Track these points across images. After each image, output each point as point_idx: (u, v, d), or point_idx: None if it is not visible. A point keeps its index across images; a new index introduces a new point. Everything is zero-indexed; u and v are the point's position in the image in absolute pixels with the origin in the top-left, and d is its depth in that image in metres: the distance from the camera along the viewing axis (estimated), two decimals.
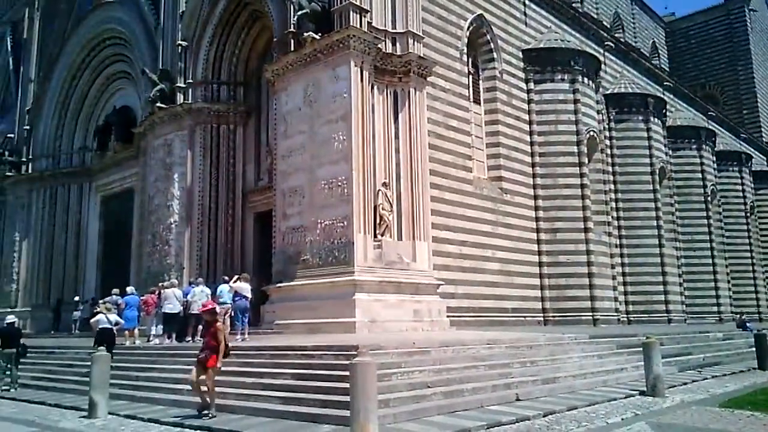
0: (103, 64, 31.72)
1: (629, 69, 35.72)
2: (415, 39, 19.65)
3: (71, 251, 30.86)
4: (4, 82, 37.76)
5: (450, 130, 22.85)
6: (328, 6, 18.92)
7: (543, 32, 28.87)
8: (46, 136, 32.34)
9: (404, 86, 19.29)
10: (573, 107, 27.34)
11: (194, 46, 24.10)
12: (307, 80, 18.89)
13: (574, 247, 25.79)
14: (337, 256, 17.27)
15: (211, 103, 23.70)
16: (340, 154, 17.66)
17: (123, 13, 28.55)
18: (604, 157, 29.56)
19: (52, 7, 33.89)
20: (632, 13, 43.02)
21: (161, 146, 24.28)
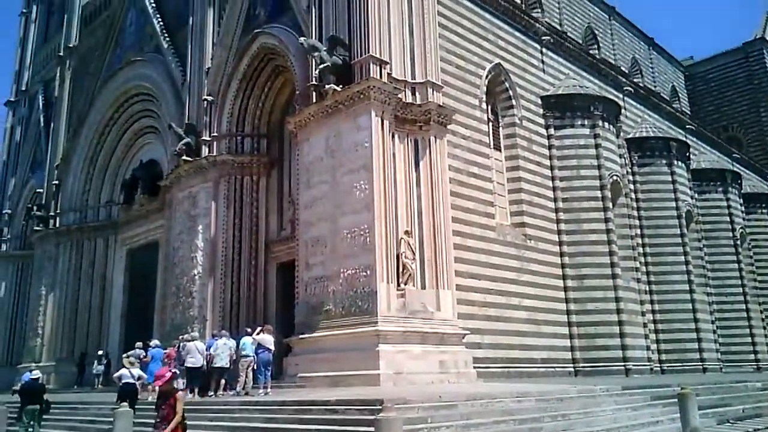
0: (130, 120, 32.54)
1: (650, 113, 35.63)
2: (435, 88, 19.86)
3: (96, 304, 31.06)
4: (35, 138, 38.85)
5: (471, 177, 22.81)
6: (348, 59, 19.26)
7: (561, 79, 29.04)
8: (74, 190, 33.00)
9: (425, 134, 19.40)
10: (595, 152, 27.20)
11: (219, 101, 24.62)
12: (328, 131, 19.11)
13: (603, 294, 25.25)
14: (360, 306, 17.08)
15: (235, 155, 24.05)
16: (362, 203, 17.68)
17: (151, 70, 29.43)
18: (628, 202, 29.23)
19: (83, 66, 35.09)
20: (650, 58, 43.22)
21: (186, 198, 24.58)
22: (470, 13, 24.97)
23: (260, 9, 24.09)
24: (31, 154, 38.98)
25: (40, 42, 42.20)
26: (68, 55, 36.26)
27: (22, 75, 42.50)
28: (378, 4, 19.22)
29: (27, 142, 39.69)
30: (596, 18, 37.22)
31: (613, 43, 38.14)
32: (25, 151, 39.61)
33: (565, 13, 34.18)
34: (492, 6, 26.14)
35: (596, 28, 36.84)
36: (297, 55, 21.18)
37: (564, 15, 33.96)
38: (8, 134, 42.22)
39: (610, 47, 37.79)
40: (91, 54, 34.44)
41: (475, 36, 24.93)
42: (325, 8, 20.47)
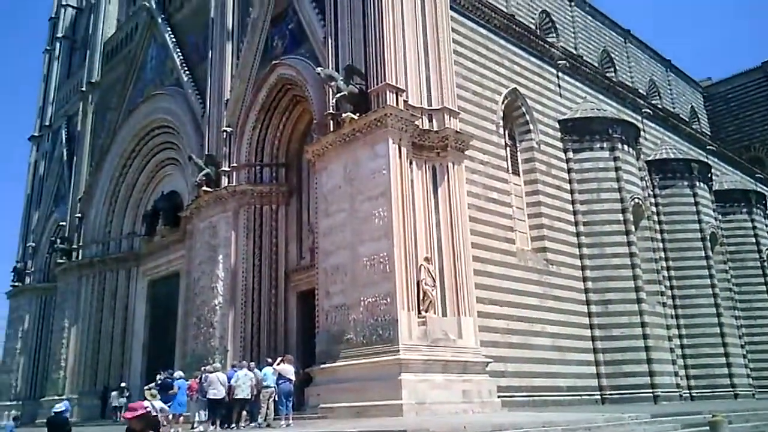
0: (152, 152, 32.98)
1: (669, 135, 35.36)
2: (451, 114, 19.87)
3: (118, 336, 31.17)
4: (58, 172, 39.52)
5: (490, 202, 22.71)
6: (365, 87, 19.38)
7: (578, 102, 28.98)
8: (96, 223, 33.39)
9: (442, 161, 19.35)
10: (615, 175, 26.98)
11: (238, 131, 24.88)
12: (346, 159, 19.16)
13: (628, 319, 24.79)
14: (381, 335, 16.90)
15: (254, 184, 24.19)
16: (381, 230, 17.61)
17: (171, 103, 29.89)
18: (651, 225, 28.85)
19: (105, 101, 35.80)
20: (668, 80, 43.00)
21: (206, 229, 24.72)
22: (485, 39, 25.12)
23: (278, 41, 24.44)
24: (54, 188, 39.64)
25: (63, 78, 43.20)
26: (90, 90, 37.03)
27: (46, 110, 43.45)
28: (393, 33, 19.38)
29: (50, 176, 40.39)
30: (612, 41, 37.21)
31: (630, 66, 38.05)
32: (48, 185, 40.29)
33: (580, 38, 34.23)
34: (507, 32, 26.29)
35: (612, 51, 36.81)
36: (314, 84, 21.38)
37: (579, 39, 34.01)
38: (32, 169, 43.03)
39: (626, 70, 37.69)
40: (112, 89, 35.14)
41: (491, 62, 25.05)
42: (341, 38, 20.70)
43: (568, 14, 34.07)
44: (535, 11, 31.59)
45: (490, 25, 25.59)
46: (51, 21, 46.19)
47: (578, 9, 34.80)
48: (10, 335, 38.97)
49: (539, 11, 31.89)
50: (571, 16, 34.23)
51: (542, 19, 32.18)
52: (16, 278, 39.58)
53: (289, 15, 24.05)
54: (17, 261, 40.67)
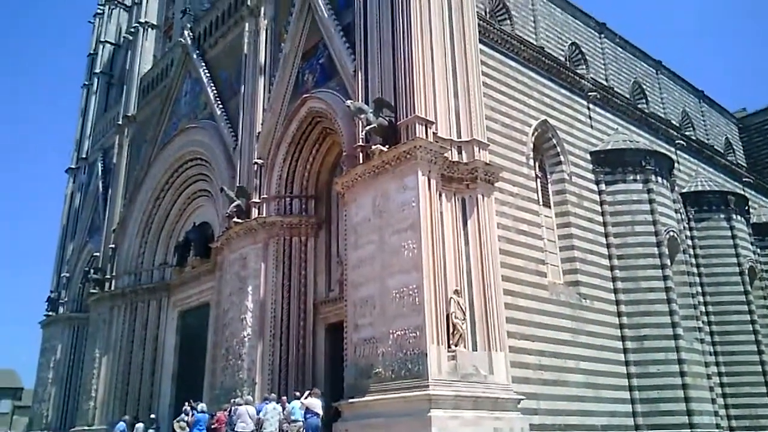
0: (185, 184, 33.48)
1: (704, 166, 34.72)
2: (481, 146, 19.78)
3: (148, 367, 31.26)
4: (93, 204, 40.32)
5: (521, 235, 22.42)
6: (394, 120, 19.46)
7: (610, 134, 28.69)
8: (129, 254, 33.85)
9: (472, 193, 19.20)
10: (649, 207, 26.48)
11: (269, 164, 25.15)
12: (375, 191, 19.15)
13: (664, 356, 24.03)
14: (410, 369, 16.61)
15: (284, 216, 24.32)
16: (410, 262, 17.46)
17: (204, 136, 30.41)
18: (687, 258, 28.16)
19: (140, 134, 36.61)
20: (701, 111, 42.37)
21: (236, 260, 24.85)
22: (514, 71, 25.13)
23: (308, 75, 24.79)
24: (89, 220, 40.39)
25: (100, 112, 44.37)
26: (126, 124, 37.93)
27: (83, 144, 44.56)
28: (423, 66, 19.50)
29: (85, 208, 41.22)
30: (643, 72, 36.89)
31: (662, 97, 37.59)
32: (83, 217, 41.09)
33: (611, 69, 34.01)
34: (536, 64, 26.29)
35: (643, 83, 36.45)
36: (344, 117, 21.55)
37: (609, 70, 33.79)
38: (68, 200, 43.99)
39: (658, 101, 37.26)
40: (148, 122, 35.96)
41: (520, 94, 25.01)
42: (371, 71, 20.89)
43: (598, 46, 33.94)
44: (565, 43, 31.53)
45: (519, 57, 25.62)
46: (89, 57, 47.68)
47: (608, 41, 34.66)
48: (43, 365, 39.43)
49: (569, 43, 31.82)
50: (601, 47, 34.09)
51: (572, 51, 32.10)
52: (49, 308, 40.20)
53: (319, 50, 24.44)
54: (51, 291, 41.34)
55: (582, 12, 33.60)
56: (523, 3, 29.89)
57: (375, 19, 21.19)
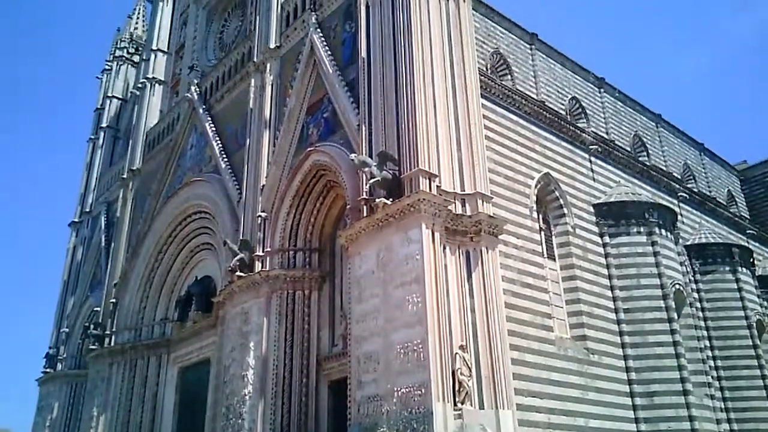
0: (187, 238, 33.41)
1: (707, 219, 34.67)
2: (484, 199, 19.81)
3: (146, 426, 30.46)
4: (95, 258, 40.17)
5: (526, 288, 22.20)
6: (398, 173, 19.56)
7: (612, 186, 28.77)
8: (130, 309, 33.49)
9: (476, 245, 19.13)
10: (654, 260, 26.30)
11: (273, 217, 25.15)
12: (379, 244, 19.07)
13: (675, 413, 23.41)
14: (415, 428, 16.16)
15: (288, 269, 24.16)
16: (414, 316, 17.24)
17: (209, 189, 30.53)
18: (694, 312, 27.79)
19: (144, 188, 36.77)
20: (702, 163, 42.62)
21: (238, 315, 24.56)
22: (516, 125, 25.42)
23: (313, 129, 25.09)
24: (90, 274, 40.17)
25: (105, 166, 44.71)
26: (131, 178, 38.16)
27: (87, 197, 44.73)
28: (426, 120, 19.74)
29: (87, 262, 41.04)
30: (643, 125, 37.29)
31: (663, 150, 37.89)
32: (85, 271, 40.88)
33: (611, 122, 34.39)
34: (537, 118, 26.61)
35: (644, 136, 36.79)
36: (348, 170, 21.67)
37: (610, 124, 34.17)
38: (70, 254, 43.83)
39: (659, 154, 37.54)
40: (152, 176, 36.18)
41: (523, 147, 25.22)
42: (374, 125, 21.13)
43: (598, 100, 34.43)
44: (565, 97, 32.01)
45: (520, 111, 25.96)
46: (96, 112, 48.36)
47: (607, 95, 35.17)
48: (39, 423, 38.47)
49: (569, 97, 32.29)
50: (601, 101, 34.58)
51: (572, 105, 32.54)
52: (47, 365, 39.53)
53: (324, 104, 24.80)
54: (50, 347, 40.71)
55: (581, 67, 34.20)
56: (523, 59, 30.47)
57: (379, 74, 21.57)
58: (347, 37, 24.79)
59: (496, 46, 29.03)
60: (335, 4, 26.04)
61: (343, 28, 25.18)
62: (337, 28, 25.48)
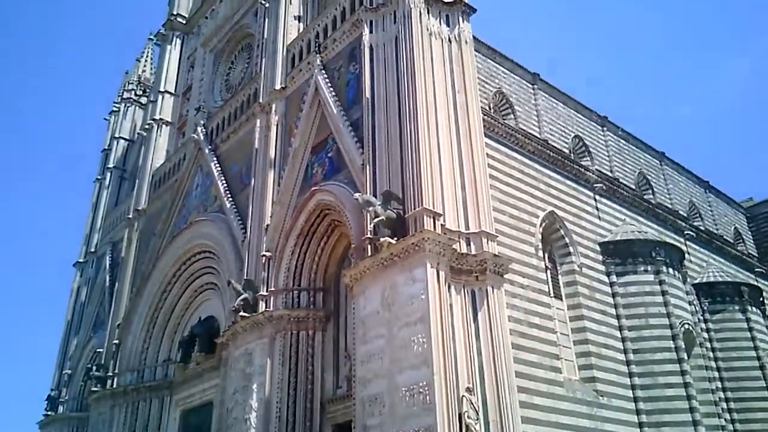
0: (192, 278, 33.24)
1: (715, 257, 34.43)
2: (489, 238, 19.71)
3: None
4: (99, 299, 39.99)
5: (533, 328, 21.91)
6: (402, 212, 19.53)
7: (618, 224, 28.67)
8: (132, 350, 33.13)
9: (481, 285, 18.96)
10: (662, 299, 26.03)
11: (277, 256, 25.06)
12: (384, 284, 18.91)
13: None
14: None
15: (291, 309, 23.94)
16: (420, 357, 16.97)
17: (213, 228, 30.51)
18: (704, 352, 27.36)
19: (149, 228, 36.78)
20: (708, 201, 42.52)
21: (242, 356, 24.25)
22: (520, 164, 25.50)
23: (317, 168, 25.19)
24: (94, 315, 39.91)
25: (111, 206, 44.91)
26: (137, 218, 38.19)
27: (92, 237, 44.77)
28: (429, 159, 19.81)
29: (91, 303, 40.86)
30: (647, 163, 37.38)
31: (668, 188, 37.89)
32: (88, 312, 40.65)
33: (615, 160, 34.48)
34: (541, 157, 26.71)
35: (648, 174, 36.84)
36: (352, 209, 21.66)
37: (614, 162, 34.25)
38: (74, 295, 43.66)
39: (665, 191, 37.51)
40: (158, 216, 36.24)
41: (527, 185, 25.25)
42: (378, 164, 21.19)
43: (601, 138, 34.59)
44: (568, 136, 32.18)
45: (524, 150, 26.08)
46: (103, 152, 48.84)
47: (611, 133, 35.36)
48: None
49: (572, 136, 32.47)
50: (604, 139, 34.73)
51: (576, 143, 32.69)
52: (49, 407, 38.94)
53: (328, 144, 24.95)
54: (52, 389, 40.19)
55: (583, 106, 34.46)
56: (526, 98, 30.75)
57: (382, 114, 21.73)
58: (351, 78, 25.08)
59: (499, 85, 29.33)
60: (340, 46, 26.43)
61: (348, 69, 25.51)
62: (342, 70, 25.82)
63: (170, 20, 43.45)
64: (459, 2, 23.39)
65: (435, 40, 22.26)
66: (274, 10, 31.47)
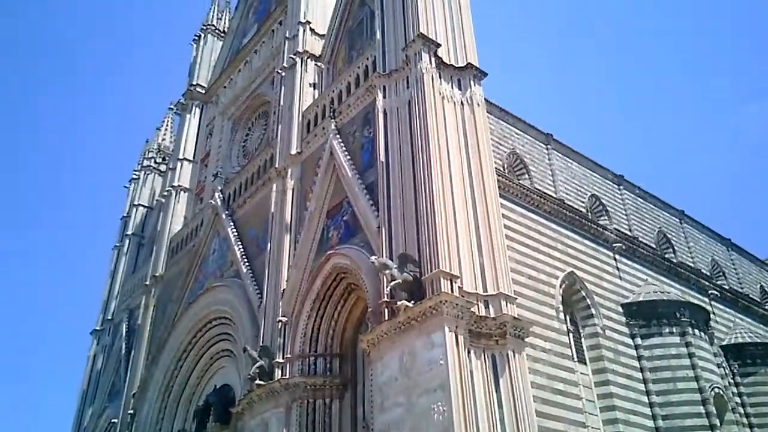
0: (207, 344, 32.88)
1: (741, 317, 33.44)
2: (508, 300, 19.32)
3: None
4: (115, 367, 39.56)
5: (557, 395, 21.17)
6: (419, 275, 19.27)
7: (639, 285, 28.07)
8: (148, 420, 32.46)
9: (502, 349, 18.45)
10: (689, 362, 25.15)
11: (293, 321, 24.73)
12: (402, 349, 18.48)
13: None
14: None
15: (308, 377, 23.43)
16: (440, 426, 16.37)
17: (229, 294, 30.36)
18: (737, 418, 26.20)
19: (166, 294, 36.72)
20: (731, 259, 41.72)
21: (258, 426, 23.61)
22: (537, 224, 25.29)
23: (333, 232, 25.15)
24: (109, 384, 39.41)
25: (129, 273, 45.08)
26: (154, 284, 38.20)
27: (109, 305, 44.79)
28: (445, 221, 19.68)
29: (107, 371, 40.43)
30: (666, 222, 36.98)
31: (689, 246, 37.32)
32: (104, 381, 40.17)
33: (633, 219, 34.16)
34: (558, 216, 26.50)
35: (668, 232, 36.39)
36: (368, 273, 21.44)
37: (632, 221, 33.92)
38: (90, 363, 43.32)
39: (686, 250, 36.93)
40: (174, 282, 36.24)
41: (545, 246, 24.96)
42: (394, 227, 21.10)
43: (618, 197, 34.41)
44: (585, 195, 32.05)
45: (540, 210, 25.91)
46: (122, 219, 49.46)
47: (627, 192, 35.20)
48: None
49: (588, 195, 32.34)
50: (621, 198, 34.54)
51: (592, 202, 32.52)
52: None
53: (344, 207, 24.99)
54: None
55: (599, 165, 34.44)
56: (540, 158, 30.82)
57: (397, 177, 21.80)
58: (366, 142, 25.36)
59: (512, 146, 29.49)
60: (354, 111, 26.87)
61: (362, 133, 25.83)
62: (356, 134, 26.14)
63: (190, 90, 44.76)
64: (470, 67, 23.79)
65: (448, 104, 22.52)
66: (290, 78, 32.25)
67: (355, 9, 31.38)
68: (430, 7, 24.63)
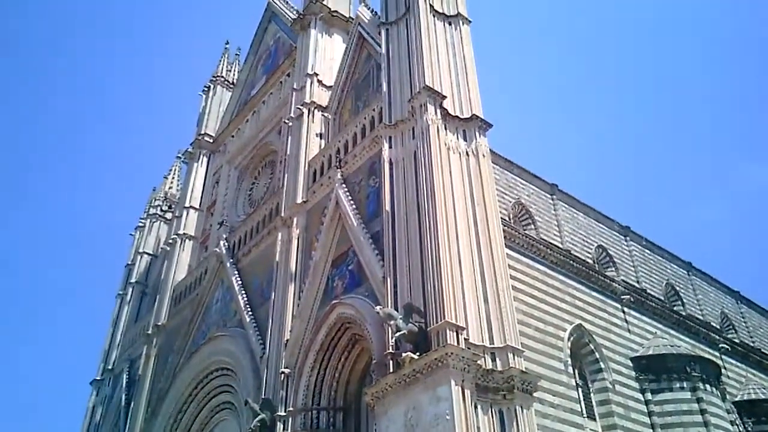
0: (208, 396, 32.21)
1: (754, 371, 32.70)
2: (515, 353, 18.95)
3: None
4: (114, 418, 38.67)
5: None
6: (424, 325, 18.98)
7: (648, 338, 27.57)
8: None
9: (509, 404, 17.99)
10: (701, 418, 24.46)
11: (296, 373, 24.27)
12: (407, 402, 18.02)
13: None
14: None
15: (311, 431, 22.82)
16: None
17: (232, 344, 29.92)
18: None
19: (168, 343, 36.22)
20: (740, 312, 41.15)
21: None
22: (543, 275, 25.03)
23: (338, 282, 24.95)
24: None
25: (131, 322, 44.61)
26: (156, 333, 37.71)
27: (110, 354, 44.14)
28: (451, 271, 19.49)
29: (106, 423, 39.49)
30: (674, 274, 36.67)
31: (698, 298, 36.88)
32: None
33: (641, 271, 33.89)
34: (564, 267, 26.24)
35: (676, 284, 36.04)
36: (373, 323, 21.16)
37: (640, 272, 33.64)
38: (89, 414, 42.40)
39: (695, 303, 36.47)
40: (177, 331, 35.79)
41: (552, 297, 24.64)
42: (399, 277, 20.90)
43: (625, 248, 34.22)
44: (591, 246, 31.88)
45: (547, 261, 25.69)
46: (126, 267, 49.25)
47: (634, 243, 35.02)
48: None
49: (595, 246, 32.17)
50: (628, 250, 34.35)
51: (599, 253, 32.33)
52: None
53: (349, 257, 24.84)
54: None
55: (604, 216, 34.37)
56: (546, 208, 30.79)
57: (403, 227, 21.73)
58: (371, 192, 25.41)
59: (518, 196, 29.51)
60: (360, 161, 27.03)
61: (368, 183, 25.92)
62: (362, 183, 26.23)
63: (198, 139, 45.33)
64: (475, 118, 24.02)
65: (453, 155, 22.64)
66: (297, 128, 32.61)
67: (361, 62, 31.98)
68: (435, 60, 25.05)
